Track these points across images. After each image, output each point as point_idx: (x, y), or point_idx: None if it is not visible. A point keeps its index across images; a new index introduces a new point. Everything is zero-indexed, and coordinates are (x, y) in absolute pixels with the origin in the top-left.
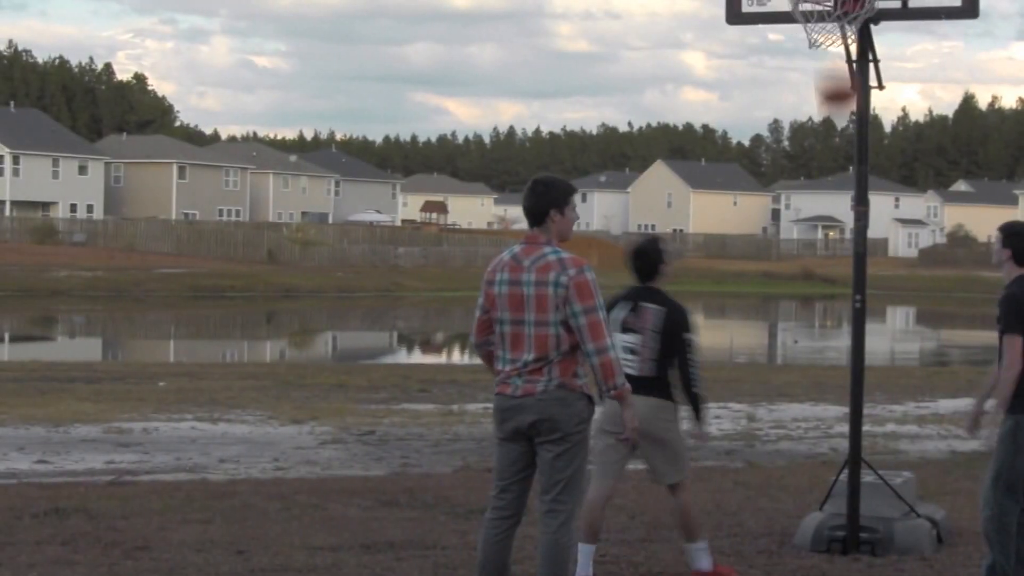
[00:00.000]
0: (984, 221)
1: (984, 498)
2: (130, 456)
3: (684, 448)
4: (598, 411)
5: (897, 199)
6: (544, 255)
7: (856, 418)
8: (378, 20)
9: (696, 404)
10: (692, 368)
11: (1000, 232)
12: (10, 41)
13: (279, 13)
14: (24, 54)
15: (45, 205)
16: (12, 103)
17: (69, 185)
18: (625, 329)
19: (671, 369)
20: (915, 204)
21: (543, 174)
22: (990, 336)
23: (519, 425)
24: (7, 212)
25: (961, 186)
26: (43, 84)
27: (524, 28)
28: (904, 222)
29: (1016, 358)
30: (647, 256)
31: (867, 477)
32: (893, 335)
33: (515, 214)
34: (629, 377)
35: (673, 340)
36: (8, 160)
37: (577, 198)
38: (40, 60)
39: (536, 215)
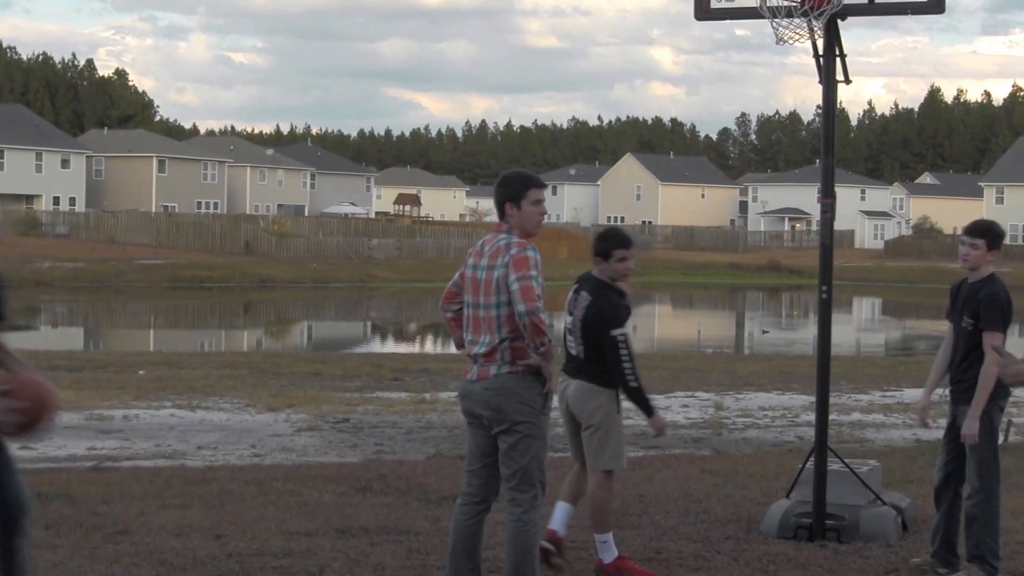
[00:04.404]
0: (949, 213)
1: (972, 486)
2: (111, 443)
3: (617, 436)
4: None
5: (863, 191)
6: (497, 241)
7: (822, 407)
8: (353, 17)
9: (636, 398)
10: (622, 364)
11: (974, 230)
12: None
13: (256, 10)
14: (8, 51)
15: (28, 198)
16: None
17: (52, 178)
18: (569, 311)
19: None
20: (881, 196)
21: (510, 169)
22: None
23: (472, 410)
24: None
25: (927, 179)
26: (27, 80)
27: (495, 24)
28: (870, 214)
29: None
30: (592, 244)
31: (833, 465)
32: (859, 326)
33: (487, 206)
34: (569, 357)
35: (596, 334)
36: None
37: (544, 192)
38: (24, 57)
39: (498, 207)
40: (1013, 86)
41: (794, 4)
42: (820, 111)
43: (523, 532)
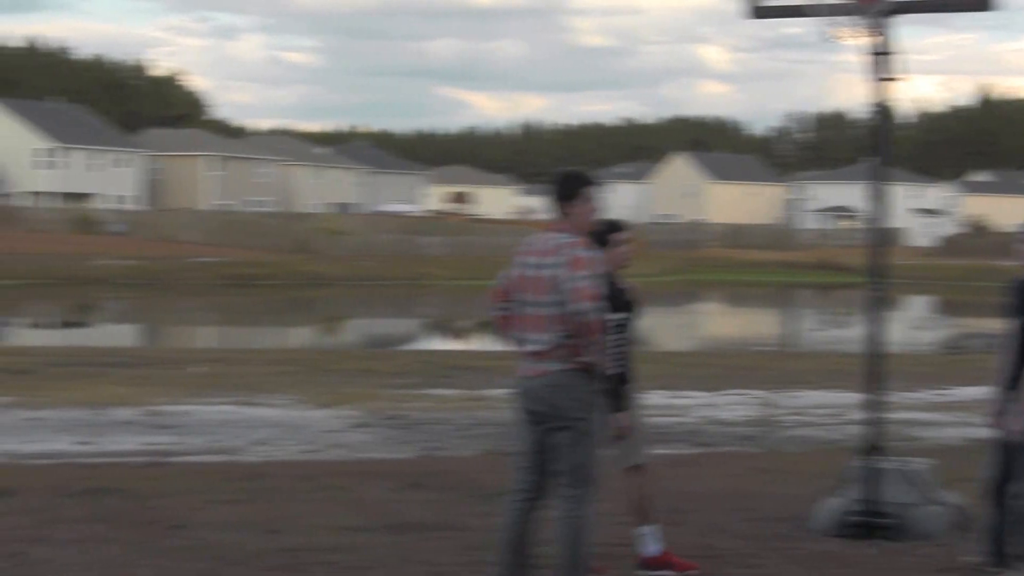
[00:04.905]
0: (1001, 211)
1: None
2: (166, 438)
3: (635, 431)
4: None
5: (914, 189)
6: (552, 240)
7: (874, 405)
8: (403, 17)
9: (613, 384)
10: (621, 348)
11: None
12: (53, 39)
13: (308, 10)
14: (66, 52)
15: (86, 196)
16: (55, 99)
17: (108, 177)
18: None
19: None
20: (933, 194)
21: (565, 167)
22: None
23: (529, 407)
24: (50, 203)
25: (978, 176)
26: (84, 80)
27: (545, 23)
28: (921, 212)
29: None
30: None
31: (885, 463)
32: (910, 323)
33: (538, 204)
34: None
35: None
36: (51, 153)
37: (596, 190)
38: (81, 57)
39: (552, 206)
40: None
41: (844, 2)
42: (871, 109)
43: (575, 528)
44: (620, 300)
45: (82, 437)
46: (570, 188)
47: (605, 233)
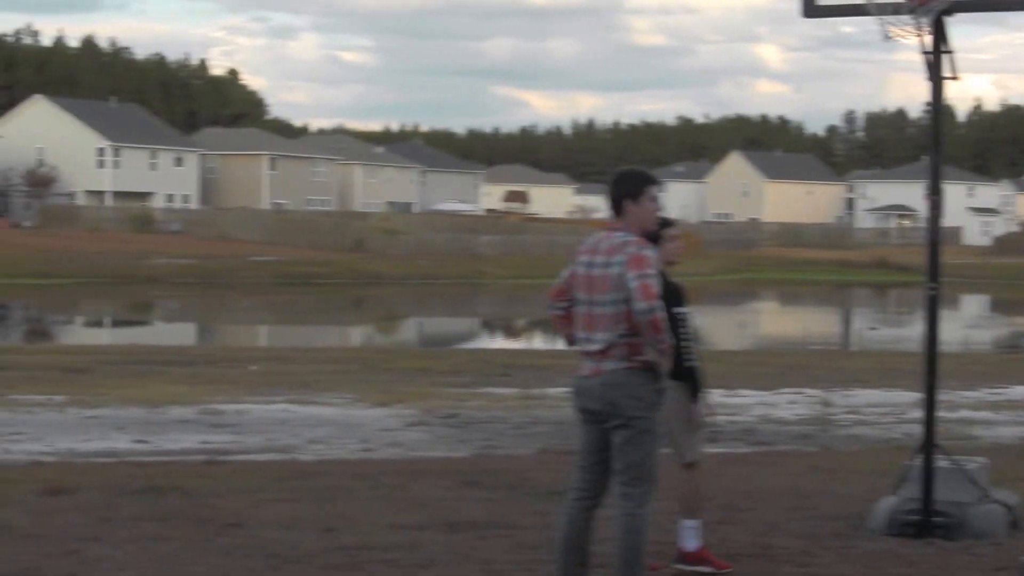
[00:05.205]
0: None
1: None
2: (223, 437)
3: (693, 427)
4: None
5: (971, 188)
6: (613, 239)
7: (930, 403)
8: (459, 16)
9: (688, 378)
10: (683, 342)
11: None
12: (111, 39)
13: (364, 10)
14: (124, 51)
15: (143, 195)
16: (113, 98)
17: (166, 176)
18: None
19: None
20: (989, 193)
21: (625, 165)
22: None
23: (588, 406)
24: (108, 202)
25: None
26: (141, 80)
27: (601, 22)
28: (978, 211)
29: None
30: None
31: (941, 462)
32: (966, 322)
33: (594, 203)
34: None
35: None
36: (109, 153)
37: (657, 189)
38: (139, 57)
39: (614, 204)
40: None
41: (901, 1)
42: (927, 108)
43: (634, 527)
44: (676, 296)
45: (138, 435)
46: (631, 187)
47: (657, 229)
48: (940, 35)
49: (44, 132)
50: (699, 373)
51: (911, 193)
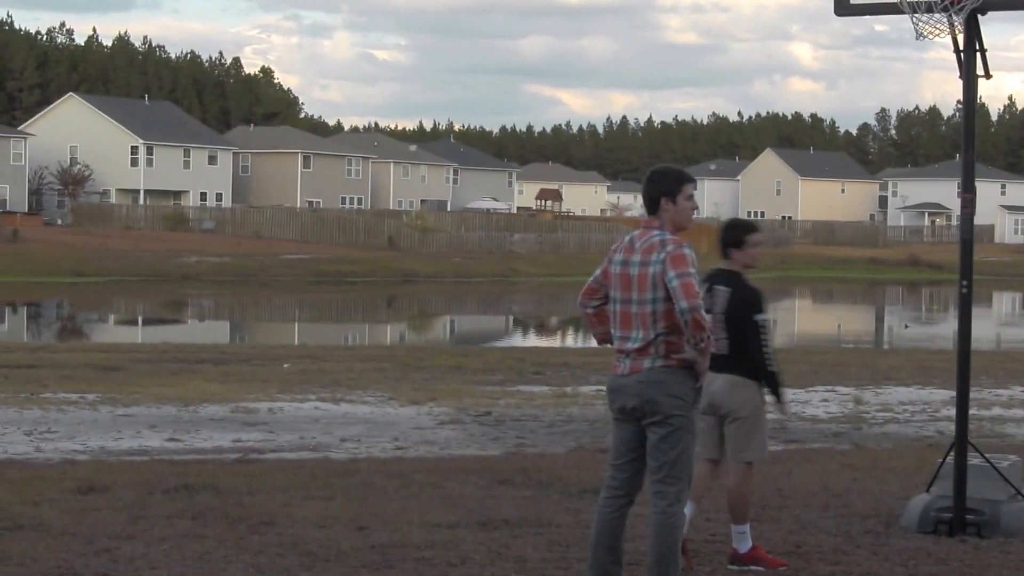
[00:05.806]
0: None
1: None
2: (256, 435)
3: (762, 428)
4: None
5: (1004, 186)
6: (650, 238)
7: (962, 401)
8: (492, 15)
9: (772, 383)
10: (763, 349)
11: None
12: (145, 37)
13: (398, 9)
14: (158, 50)
15: (176, 194)
16: (146, 96)
17: (199, 174)
18: (707, 308)
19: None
20: (1021, 191)
21: (660, 164)
22: None
23: (625, 404)
24: (141, 200)
25: None
26: (175, 78)
27: (634, 21)
28: (1011, 209)
29: None
30: (721, 237)
31: (974, 460)
32: (999, 320)
33: (628, 201)
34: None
35: (740, 322)
36: (142, 151)
37: (693, 187)
38: (172, 56)
39: (650, 202)
40: None
41: None
42: (960, 106)
43: (668, 525)
44: (756, 301)
45: (172, 434)
46: (668, 185)
47: (741, 234)
48: (973, 33)
49: (77, 130)
50: (781, 378)
51: (944, 191)
